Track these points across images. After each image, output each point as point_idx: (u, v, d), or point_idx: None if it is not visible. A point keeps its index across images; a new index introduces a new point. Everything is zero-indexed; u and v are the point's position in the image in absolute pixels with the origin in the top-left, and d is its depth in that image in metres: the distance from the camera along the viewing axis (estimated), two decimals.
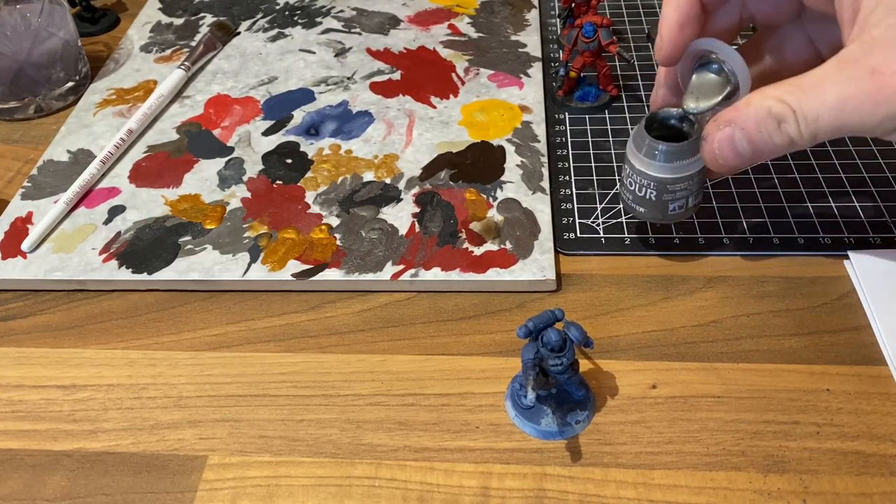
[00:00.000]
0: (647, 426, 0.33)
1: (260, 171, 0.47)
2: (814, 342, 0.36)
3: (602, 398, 0.34)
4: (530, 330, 0.31)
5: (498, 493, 0.31)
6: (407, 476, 0.32)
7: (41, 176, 0.47)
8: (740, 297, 0.38)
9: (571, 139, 0.49)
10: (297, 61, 0.56)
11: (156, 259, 0.41)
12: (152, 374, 0.36)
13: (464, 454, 0.33)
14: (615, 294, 0.39)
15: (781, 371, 0.35)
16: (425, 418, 0.34)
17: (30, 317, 0.40)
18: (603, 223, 0.43)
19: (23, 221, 0.44)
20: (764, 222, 0.42)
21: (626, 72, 0.54)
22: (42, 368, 0.37)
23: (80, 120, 0.52)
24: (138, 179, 0.47)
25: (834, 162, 0.46)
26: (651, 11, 0.61)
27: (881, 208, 0.43)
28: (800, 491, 0.30)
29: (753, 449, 0.32)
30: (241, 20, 0.61)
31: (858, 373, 0.35)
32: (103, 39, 0.61)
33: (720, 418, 0.33)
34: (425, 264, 0.40)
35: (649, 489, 0.31)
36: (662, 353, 0.36)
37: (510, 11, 0.61)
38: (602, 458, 0.32)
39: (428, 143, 0.48)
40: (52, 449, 0.34)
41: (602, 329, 0.37)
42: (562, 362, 0.31)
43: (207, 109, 0.52)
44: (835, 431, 0.32)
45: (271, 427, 0.34)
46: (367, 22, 0.60)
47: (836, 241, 0.41)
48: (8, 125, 0.53)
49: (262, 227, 0.43)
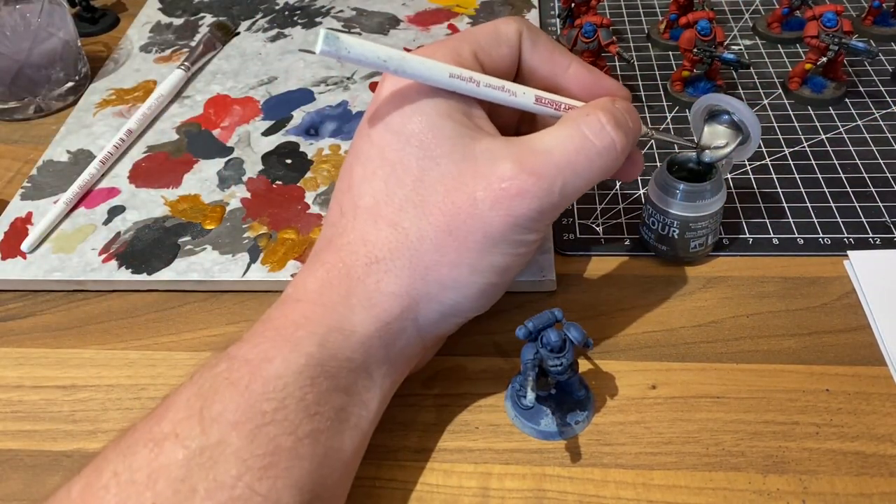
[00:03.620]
0: (647, 427, 0.33)
1: (260, 172, 0.47)
2: (813, 342, 0.36)
3: (602, 398, 0.34)
4: (530, 330, 0.31)
5: (497, 493, 0.31)
6: (407, 476, 0.32)
7: (41, 176, 0.47)
8: (740, 297, 0.38)
9: None
10: (297, 61, 0.56)
11: (155, 259, 0.41)
12: (152, 375, 0.36)
13: (463, 454, 0.33)
14: (615, 294, 0.39)
15: (781, 371, 0.35)
16: (425, 418, 0.34)
17: (30, 317, 0.40)
18: (602, 224, 0.43)
19: (22, 222, 0.44)
20: (764, 222, 0.42)
21: (626, 72, 0.54)
22: (42, 369, 0.37)
23: (79, 120, 0.52)
24: (138, 180, 0.47)
25: (834, 162, 0.46)
26: (651, 11, 0.61)
27: (881, 208, 0.43)
28: (799, 491, 0.30)
29: (753, 449, 0.32)
30: (240, 20, 0.61)
31: (858, 373, 0.35)
32: (103, 39, 0.61)
33: (720, 419, 0.33)
34: None
35: (649, 490, 0.31)
36: (662, 353, 0.36)
37: (510, 11, 0.61)
38: (602, 458, 0.32)
39: None
40: (52, 449, 0.34)
41: (602, 329, 0.37)
42: (561, 363, 0.31)
43: (207, 109, 0.52)
44: (834, 432, 0.32)
45: None
46: (366, 22, 0.60)
47: (835, 242, 0.41)
48: (8, 125, 0.53)
49: (262, 228, 0.43)
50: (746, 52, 0.56)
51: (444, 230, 0.30)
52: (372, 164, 0.31)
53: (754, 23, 0.59)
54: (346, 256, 0.30)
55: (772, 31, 0.57)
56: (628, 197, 0.44)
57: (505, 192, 0.29)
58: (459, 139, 0.30)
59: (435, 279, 0.30)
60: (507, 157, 0.30)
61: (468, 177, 0.30)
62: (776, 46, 0.56)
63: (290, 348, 0.27)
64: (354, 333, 0.29)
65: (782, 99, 0.51)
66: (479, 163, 0.30)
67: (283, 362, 0.27)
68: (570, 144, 0.30)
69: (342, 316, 0.29)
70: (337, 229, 0.31)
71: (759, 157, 0.46)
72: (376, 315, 0.29)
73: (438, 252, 0.30)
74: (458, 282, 0.30)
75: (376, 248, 0.30)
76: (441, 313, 0.31)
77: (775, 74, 0.53)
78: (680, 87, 0.51)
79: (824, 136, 0.48)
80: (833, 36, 0.48)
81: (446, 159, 0.30)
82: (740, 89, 0.52)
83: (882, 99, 0.51)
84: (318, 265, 0.30)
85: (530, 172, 0.29)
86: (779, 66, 0.54)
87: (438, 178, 0.30)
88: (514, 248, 0.30)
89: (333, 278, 0.30)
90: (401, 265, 0.30)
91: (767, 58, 0.55)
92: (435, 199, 0.30)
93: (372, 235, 0.30)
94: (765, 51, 0.56)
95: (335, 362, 0.28)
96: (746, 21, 0.59)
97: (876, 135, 0.48)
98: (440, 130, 0.30)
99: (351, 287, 0.29)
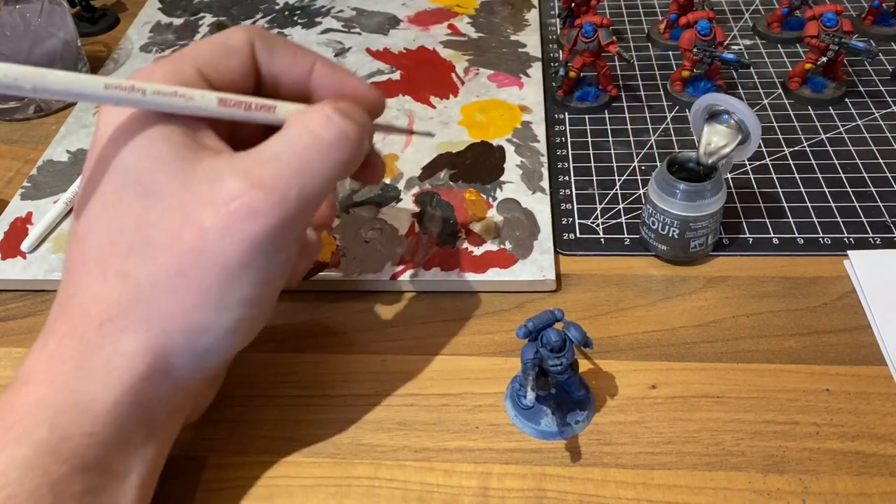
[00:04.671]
0: (647, 426, 0.33)
1: None
2: (813, 342, 0.36)
3: (602, 398, 0.34)
4: (530, 330, 0.31)
5: (497, 493, 0.31)
6: (406, 476, 0.32)
7: (41, 176, 0.47)
8: (740, 297, 0.38)
9: (571, 139, 0.49)
10: None
11: None
12: None
13: (463, 454, 0.33)
14: (615, 294, 0.39)
15: (781, 371, 0.35)
16: (425, 418, 0.34)
17: (30, 317, 0.40)
18: (602, 223, 0.43)
19: (22, 222, 0.44)
20: (764, 222, 0.42)
21: (625, 72, 0.54)
22: None
23: (79, 120, 0.52)
24: None
25: (834, 162, 0.46)
26: (651, 11, 0.61)
27: (881, 208, 0.43)
28: (799, 491, 0.30)
29: (753, 449, 0.32)
30: (240, 20, 0.61)
31: (858, 373, 0.35)
32: (103, 39, 0.61)
33: (720, 418, 0.33)
34: (425, 264, 0.40)
35: (649, 489, 0.31)
36: (662, 353, 0.36)
37: (510, 11, 0.61)
38: (602, 458, 0.32)
39: (428, 143, 0.48)
40: None
41: (602, 329, 0.37)
42: (561, 362, 0.31)
43: None
44: (834, 431, 0.32)
45: (271, 427, 0.34)
46: (366, 22, 0.60)
47: (836, 241, 0.41)
48: (8, 125, 0.53)
49: None
50: (746, 52, 0.56)
51: (176, 272, 0.26)
52: (94, 210, 0.27)
53: (754, 23, 0.59)
54: (76, 321, 0.27)
55: (772, 30, 0.57)
56: (628, 197, 0.44)
57: (235, 214, 0.26)
58: (179, 164, 0.27)
59: (178, 328, 0.27)
60: (232, 174, 0.26)
61: (193, 206, 0.26)
62: (776, 46, 0.56)
63: (16, 441, 0.25)
64: (93, 406, 0.26)
65: (782, 99, 0.51)
66: (201, 187, 0.26)
67: (8, 457, 0.24)
68: (299, 144, 0.27)
69: (75, 390, 0.26)
70: (67, 291, 0.28)
71: (759, 157, 0.46)
72: (118, 379, 0.26)
73: (175, 298, 0.26)
74: (205, 325, 0.27)
75: (108, 306, 0.27)
76: (195, 360, 0.28)
77: (775, 74, 0.53)
78: (680, 87, 0.51)
79: (824, 135, 0.48)
80: (833, 36, 0.48)
81: (167, 190, 0.26)
82: (740, 89, 0.52)
83: (882, 99, 0.51)
84: (49, 338, 0.27)
85: (258, 186, 0.26)
86: (779, 66, 0.54)
87: (162, 214, 0.26)
88: (264, 274, 0.27)
89: (65, 350, 0.27)
90: (136, 320, 0.26)
91: (767, 58, 0.55)
92: (161, 239, 0.26)
93: (103, 291, 0.27)
94: (765, 51, 0.56)
95: (70, 443, 0.25)
96: (746, 21, 0.59)
97: (876, 135, 0.48)
98: (156, 158, 0.27)
99: (84, 356, 0.26)
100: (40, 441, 0.25)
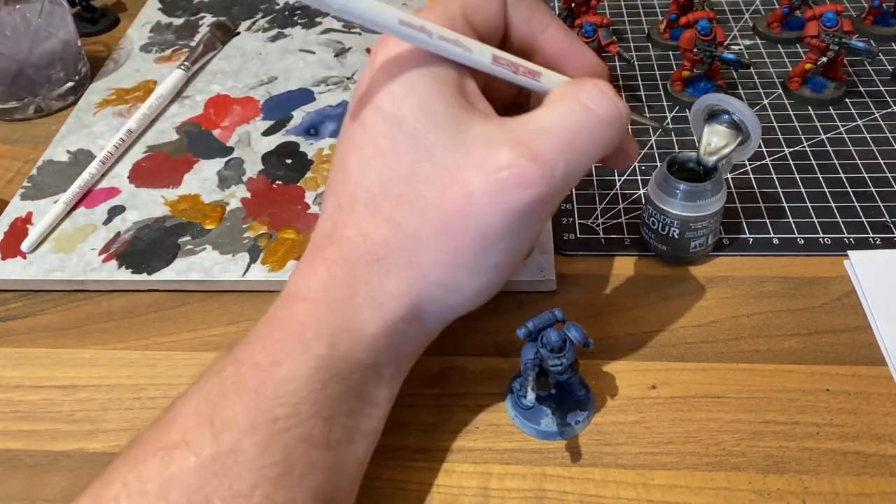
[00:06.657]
0: (647, 426, 0.33)
1: (260, 172, 0.47)
2: (814, 342, 0.36)
3: (602, 398, 0.34)
4: (530, 330, 0.31)
5: (498, 493, 0.31)
6: (407, 476, 0.32)
7: (41, 176, 0.47)
8: (740, 297, 0.38)
9: None
10: (297, 61, 0.56)
11: (155, 259, 0.41)
12: (152, 375, 0.36)
13: (464, 454, 0.33)
14: (615, 294, 0.39)
15: (781, 371, 0.35)
16: (425, 418, 0.34)
17: (29, 317, 0.40)
18: (603, 223, 0.43)
19: (22, 222, 0.44)
20: (764, 222, 0.42)
21: (626, 72, 0.54)
22: (42, 369, 0.37)
23: (79, 120, 0.52)
24: (138, 179, 0.47)
25: (834, 162, 0.46)
26: (651, 11, 0.61)
27: (881, 208, 0.43)
28: (800, 491, 0.30)
29: (753, 449, 0.32)
30: (240, 20, 0.61)
31: (858, 373, 0.35)
32: (103, 39, 0.61)
33: (720, 418, 0.33)
34: None
35: (649, 489, 0.31)
36: (662, 353, 0.36)
37: None
38: (602, 458, 0.32)
39: None
40: (52, 449, 0.34)
41: (602, 329, 0.37)
42: (561, 363, 0.31)
43: (207, 109, 0.52)
44: (835, 432, 0.32)
45: None
46: None
47: (836, 242, 0.41)
48: (8, 125, 0.53)
49: (262, 228, 0.43)
50: (746, 52, 0.56)
51: (441, 230, 0.28)
52: (366, 154, 0.29)
53: (754, 23, 0.59)
54: (347, 253, 0.29)
55: (772, 30, 0.57)
56: (628, 197, 0.44)
57: (503, 183, 0.27)
58: (454, 124, 0.28)
59: (436, 282, 0.29)
60: (504, 142, 0.27)
61: (463, 168, 0.27)
62: (776, 46, 0.56)
63: (300, 350, 0.26)
64: (362, 334, 0.28)
65: (782, 99, 0.51)
66: (473, 150, 0.27)
67: (294, 366, 0.26)
68: (571, 119, 0.28)
69: (348, 316, 0.28)
70: (335, 223, 0.30)
71: (759, 157, 0.46)
72: (382, 315, 0.28)
73: (436, 253, 0.28)
74: (458, 284, 0.29)
75: (376, 247, 0.28)
76: (443, 313, 0.30)
77: (775, 74, 0.53)
78: (680, 87, 0.51)
79: (824, 135, 0.48)
80: (833, 36, 0.48)
81: (440, 148, 0.28)
82: (740, 89, 0.52)
83: (882, 99, 0.51)
84: (319, 261, 0.29)
85: (530, 158, 0.27)
86: (779, 66, 0.54)
87: (433, 171, 0.28)
88: (517, 243, 0.29)
89: (336, 276, 0.28)
90: (401, 265, 0.28)
91: (767, 58, 0.55)
92: (429, 196, 0.28)
93: (371, 232, 0.28)
94: (765, 51, 0.56)
95: (346, 364, 0.27)
96: (746, 21, 0.59)
97: (876, 135, 0.48)
98: (432, 115, 0.28)
99: (355, 286, 0.28)
100: (321, 357, 0.27)
